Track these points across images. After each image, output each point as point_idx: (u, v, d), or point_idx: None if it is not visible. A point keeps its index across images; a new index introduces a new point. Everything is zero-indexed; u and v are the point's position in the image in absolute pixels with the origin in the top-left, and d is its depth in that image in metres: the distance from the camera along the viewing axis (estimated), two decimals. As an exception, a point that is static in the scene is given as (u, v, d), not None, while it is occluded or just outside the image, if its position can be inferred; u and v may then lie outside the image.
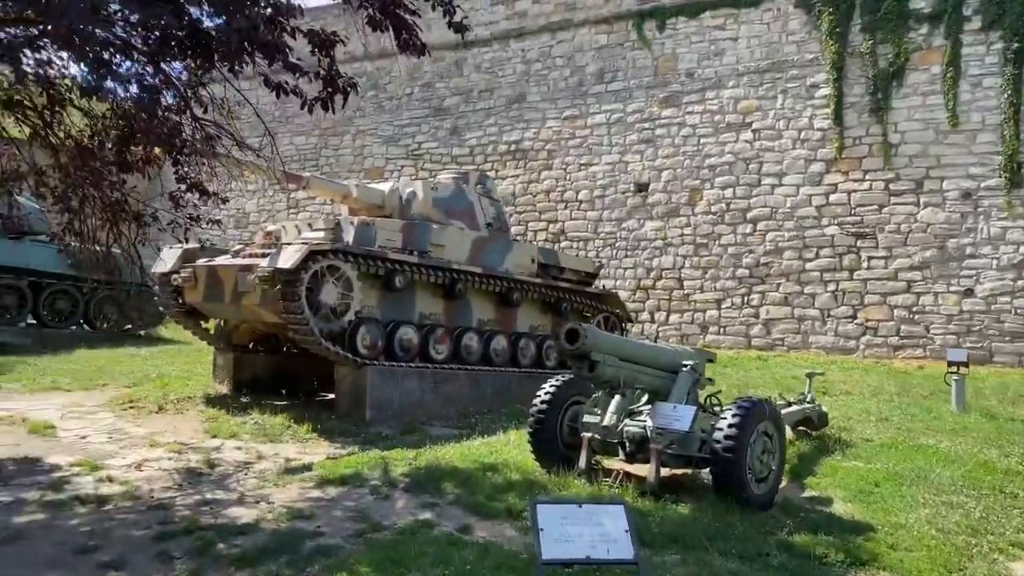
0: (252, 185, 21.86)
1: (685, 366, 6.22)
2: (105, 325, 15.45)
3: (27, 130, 6.10)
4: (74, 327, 15.14)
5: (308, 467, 6.62)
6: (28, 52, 5.11)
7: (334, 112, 5.45)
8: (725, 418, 5.57)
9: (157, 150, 5.82)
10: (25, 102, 5.85)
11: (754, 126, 15.86)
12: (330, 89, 5.28)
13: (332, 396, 9.43)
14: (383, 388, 8.82)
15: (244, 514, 5.27)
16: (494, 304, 10.54)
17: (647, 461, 5.76)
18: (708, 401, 6.37)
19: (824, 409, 8.28)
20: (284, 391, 10.17)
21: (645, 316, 16.30)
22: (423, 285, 9.58)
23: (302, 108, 5.32)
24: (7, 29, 5.52)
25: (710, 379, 6.71)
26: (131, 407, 9.01)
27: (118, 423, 8.30)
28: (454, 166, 18.20)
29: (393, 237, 9.41)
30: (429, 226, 9.85)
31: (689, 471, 6.19)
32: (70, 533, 4.87)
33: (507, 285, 10.36)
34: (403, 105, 20.05)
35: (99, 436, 7.69)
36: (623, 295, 14.82)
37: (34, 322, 14.73)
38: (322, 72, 5.26)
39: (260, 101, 20.35)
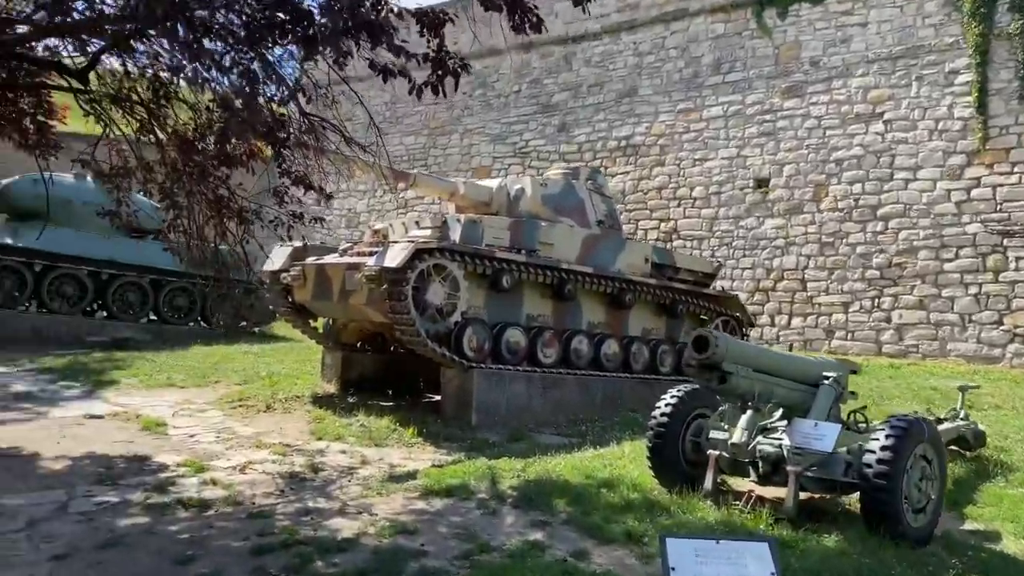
0: (363, 185, 22.09)
1: (826, 378, 5.56)
2: (222, 322, 15.79)
3: (135, 124, 6.06)
4: (192, 323, 15.57)
5: (413, 475, 6.31)
6: (137, 44, 4.99)
7: (445, 95, 5.09)
8: (877, 439, 4.89)
9: (259, 143, 5.67)
10: (133, 96, 5.81)
11: (886, 116, 14.69)
12: (440, 71, 4.93)
13: (438, 398, 9.16)
14: (490, 392, 8.46)
15: (345, 526, 4.99)
16: (605, 306, 10.02)
17: (782, 484, 5.17)
18: (852, 418, 5.67)
19: (981, 427, 7.38)
20: (391, 391, 9.99)
21: (764, 319, 15.39)
22: (531, 285, 9.18)
23: (411, 93, 4.99)
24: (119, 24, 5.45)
25: (853, 393, 6.00)
26: (240, 405, 9.01)
27: (227, 422, 8.27)
28: (562, 163, 17.76)
29: (500, 235, 9.05)
30: (537, 224, 9.44)
31: (829, 496, 5.54)
32: (170, 540, 4.70)
33: (619, 286, 9.81)
34: (511, 103, 19.75)
35: (207, 435, 7.65)
36: (741, 297, 13.99)
37: (155, 318, 15.22)
38: (431, 54, 4.91)
39: (372, 101, 20.54)
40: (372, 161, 7.65)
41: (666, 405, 5.79)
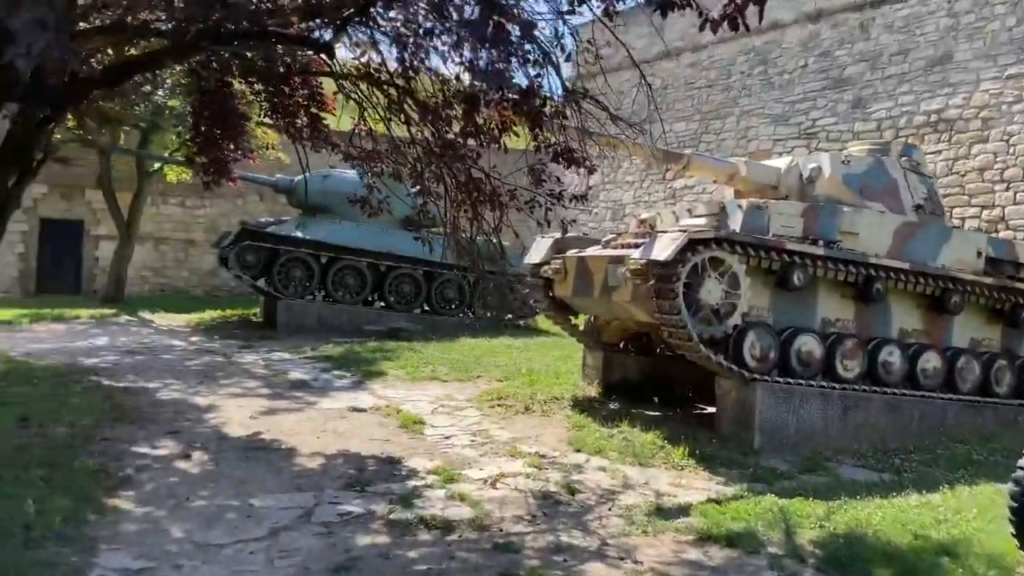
0: (629, 176, 21.30)
1: None
2: (489, 314, 15.74)
3: (383, 102, 5.67)
4: (460, 315, 15.71)
5: (685, 510, 5.29)
6: (381, 10, 4.49)
7: (747, 29, 4.02)
8: None
9: (511, 115, 4.97)
10: (382, 75, 5.39)
11: None
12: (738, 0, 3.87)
13: (711, 410, 8.03)
14: (776, 410, 7.15)
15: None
16: (922, 310, 8.23)
17: None
18: None
19: None
20: (656, 399, 9.02)
21: None
22: (828, 283, 7.71)
23: (702, 28, 4.01)
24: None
25: None
26: (499, 404, 8.55)
27: (483, 423, 7.81)
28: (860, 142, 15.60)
29: (791, 223, 7.67)
30: (838, 209, 7.91)
31: None
32: (404, 570, 4.12)
33: (943, 286, 7.99)
34: (795, 79, 17.82)
35: (462, 437, 7.20)
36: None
37: (427, 309, 15.55)
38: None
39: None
40: (640, 141, 6.75)
41: (1040, 452, 4.24)
